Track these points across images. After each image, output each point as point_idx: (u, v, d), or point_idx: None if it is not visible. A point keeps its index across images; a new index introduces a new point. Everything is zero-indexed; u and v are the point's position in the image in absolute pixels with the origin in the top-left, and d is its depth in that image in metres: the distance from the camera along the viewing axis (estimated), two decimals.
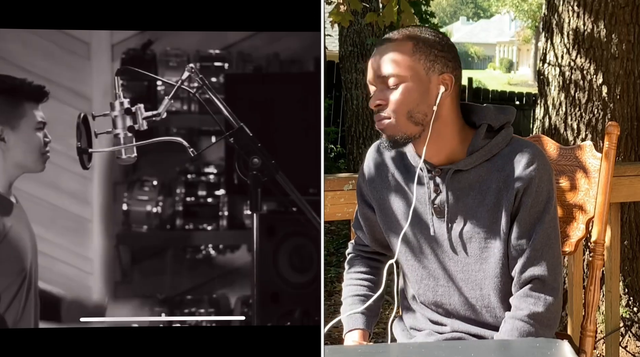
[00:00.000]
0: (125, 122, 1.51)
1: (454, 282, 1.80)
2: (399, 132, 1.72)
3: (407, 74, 1.70)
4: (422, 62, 1.71)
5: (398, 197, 1.83)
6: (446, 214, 1.77)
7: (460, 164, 1.74)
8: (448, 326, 1.84)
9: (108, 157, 1.55)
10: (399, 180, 1.83)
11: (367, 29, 7.39)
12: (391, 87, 1.70)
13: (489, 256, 1.75)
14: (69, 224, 1.58)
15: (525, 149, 1.74)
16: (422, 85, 1.71)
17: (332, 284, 5.12)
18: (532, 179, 1.71)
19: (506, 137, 1.76)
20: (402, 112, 1.70)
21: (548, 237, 1.74)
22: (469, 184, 1.75)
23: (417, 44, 1.71)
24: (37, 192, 1.54)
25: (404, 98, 1.70)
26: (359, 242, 2.03)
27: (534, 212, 1.73)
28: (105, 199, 1.61)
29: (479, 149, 1.74)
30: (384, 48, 1.73)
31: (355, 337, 1.88)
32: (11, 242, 1.50)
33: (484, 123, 1.76)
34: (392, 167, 1.85)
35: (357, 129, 7.58)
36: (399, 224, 1.83)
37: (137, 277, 1.60)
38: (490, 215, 1.73)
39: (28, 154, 1.51)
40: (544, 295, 1.73)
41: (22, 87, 1.46)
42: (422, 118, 1.71)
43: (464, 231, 1.76)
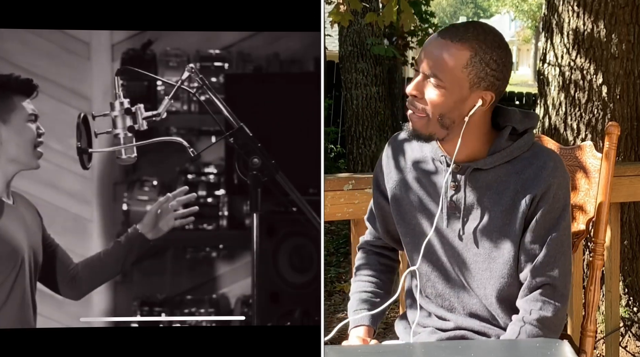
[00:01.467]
0: (125, 122, 1.51)
1: (461, 277, 1.81)
2: (426, 130, 1.72)
3: (451, 82, 1.68)
4: (471, 77, 1.68)
5: (414, 189, 1.84)
6: (462, 210, 1.77)
7: (480, 163, 1.75)
8: (451, 322, 1.85)
9: (108, 157, 1.55)
10: (416, 172, 1.84)
11: (367, 29, 7.39)
12: (432, 85, 1.69)
13: (497, 256, 1.76)
14: (69, 224, 1.58)
15: (546, 155, 1.75)
16: (461, 96, 1.69)
17: (332, 284, 5.11)
18: (551, 185, 1.71)
19: (528, 142, 1.76)
20: (434, 113, 1.70)
21: (562, 244, 1.75)
22: (486, 183, 1.75)
23: (474, 56, 1.67)
24: (37, 192, 1.54)
25: (440, 102, 1.69)
26: (369, 238, 2.03)
27: (549, 218, 1.73)
28: (105, 199, 1.61)
29: (500, 150, 1.74)
30: (442, 45, 1.68)
31: (360, 333, 1.89)
32: (1, 243, 1.49)
33: (509, 125, 1.76)
34: (411, 159, 1.86)
35: (357, 129, 7.58)
36: (412, 216, 1.84)
37: (137, 277, 1.60)
38: (504, 216, 1.74)
39: (21, 147, 1.51)
40: (553, 301, 1.74)
41: (9, 82, 1.46)
42: (450, 124, 1.71)
43: (477, 229, 1.76)
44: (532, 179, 1.72)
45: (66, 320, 1.53)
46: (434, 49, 1.69)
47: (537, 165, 1.73)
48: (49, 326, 1.51)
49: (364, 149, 7.54)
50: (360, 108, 7.52)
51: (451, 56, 1.67)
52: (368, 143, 7.51)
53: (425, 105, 1.70)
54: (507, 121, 1.78)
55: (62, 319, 1.54)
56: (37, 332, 1.42)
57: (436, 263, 1.84)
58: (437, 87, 1.68)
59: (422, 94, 1.70)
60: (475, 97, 1.71)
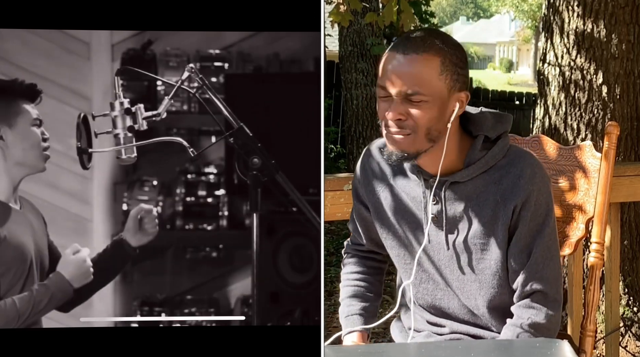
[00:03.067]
0: (125, 122, 1.51)
1: (451, 288, 1.80)
2: (414, 148, 1.68)
3: (432, 93, 1.65)
4: (447, 82, 1.66)
5: (394, 202, 1.83)
6: (444, 224, 1.76)
7: (457, 176, 1.73)
8: (447, 327, 1.84)
9: (108, 157, 1.55)
10: (395, 184, 1.82)
11: (367, 29, 7.40)
12: (413, 102, 1.65)
13: (484, 267, 1.75)
14: (69, 224, 1.58)
15: (523, 162, 1.72)
16: (443, 103, 1.67)
17: (332, 284, 5.11)
18: (531, 193, 1.70)
19: (503, 148, 1.74)
20: (422, 129, 1.66)
21: (548, 250, 1.74)
22: (466, 195, 1.74)
23: (444, 61, 1.66)
24: (37, 193, 1.54)
25: (426, 116, 1.65)
26: (354, 241, 2.02)
27: (534, 226, 1.72)
28: (105, 199, 1.61)
29: (475, 161, 1.72)
30: (410, 60, 1.65)
31: (354, 339, 1.88)
32: (7, 250, 1.49)
33: (481, 134, 1.74)
34: (389, 172, 1.84)
35: (357, 129, 7.58)
36: (395, 228, 1.83)
37: (137, 277, 1.60)
38: (487, 227, 1.73)
39: (28, 151, 1.51)
40: (545, 308, 1.73)
41: (13, 86, 1.46)
42: (436, 135, 1.68)
43: (462, 242, 1.75)
44: (510, 189, 1.70)
45: (66, 320, 1.53)
46: (404, 67, 1.65)
47: (514, 173, 1.71)
48: (49, 325, 1.52)
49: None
50: (360, 108, 7.52)
51: (425, 68, 1.65)
52: (368, 143, 7.47)
53: (412, 125, 1.66)
54: (479, 129, 1.74)
55: (63, 319, 1.54)
56: (37, 332, 1.42)
57: (425, 276, 1.83)
58: (420, 102, 1.65)
59: (407, 115, 1.66)
60: (454, 101, 1.69)
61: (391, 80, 1.66)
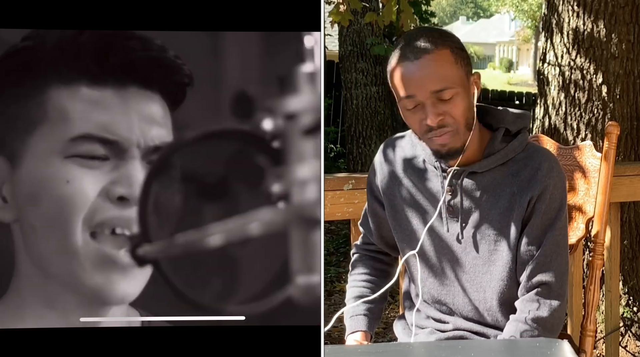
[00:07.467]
0: None
1: (459, 282, 1.81)
2: (460, 141, 1.70)
3: (458, 83, 1.67)
4: (463, 67, 1.69)
5: (409, 194, 1.83)
6: (460, 215, 1.77)
7: (476, 166, 1.74)
8: (450, 324, 1.85)
9: None
10: (411, 177, 1.83)
11: (367, 29, 7.39)
12: (445, 100, 1.66)
13: (496, 259, 1.76)
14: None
15: (541, 156, 1.75)
16: (468, 89, 1.70)
17: (332, 284, 5.12)
18: (547, 186, 1.71)
19: (522, 142, 1.76)
20: (461, 121, 1.69)
21: (557, 245, 1.75)
22: (482, 186, 1.75)
23: (453, 50, 1.69)
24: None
25: (461, 107, 1.67)
26: (365, 241, 2.03)
27: (546, 219, 1.73)
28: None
29: (495, 152, 1.74)
30: (426, 62, 1.66)
31: (358, 339, 1.88)
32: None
33: (502, 126, 1.76)
34: (405, 163, 1.85)
35: (357, 128, 7.58)
36: (409, 221, 1.84)
37: None
38: (501, 219, 1.74)
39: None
40: (549, 300, 1.74)
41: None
42: (472, 122, 1.71)
43: (475, 233, 1.76)
44: (528, 181, 1.72)
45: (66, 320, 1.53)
46: (424, 70, 1.67)
47: (532, 166, 1.73)
48: (49, 326, 1.51)
49: (364, 149, 7.54)
50: (360, 108, 7.52)
51: (442, 62, 1.67)
52: (368, 143, 7.52)
53: (453, 121, 1.68)
54: (499, 122, 1.77)
55: (62, 319, 1.54)
56: (37, 332, 1.42)
57: (433, 268, 1.83)
58: (451, 97, 1.67)
59: (444, 114, 1.67)
60: (472, 84, 1.72)
61: (416, 86, 1.67)
